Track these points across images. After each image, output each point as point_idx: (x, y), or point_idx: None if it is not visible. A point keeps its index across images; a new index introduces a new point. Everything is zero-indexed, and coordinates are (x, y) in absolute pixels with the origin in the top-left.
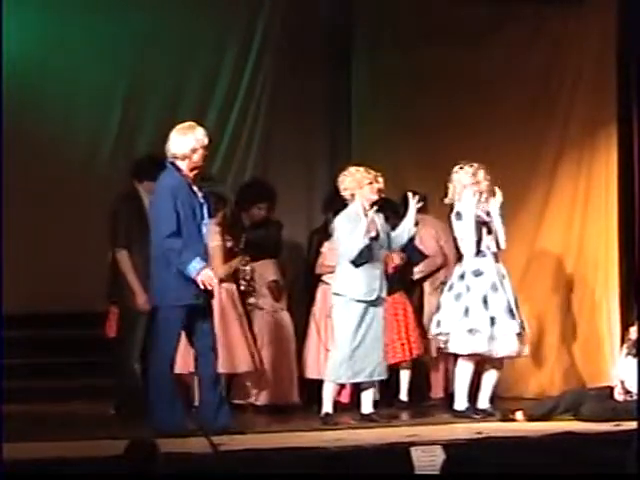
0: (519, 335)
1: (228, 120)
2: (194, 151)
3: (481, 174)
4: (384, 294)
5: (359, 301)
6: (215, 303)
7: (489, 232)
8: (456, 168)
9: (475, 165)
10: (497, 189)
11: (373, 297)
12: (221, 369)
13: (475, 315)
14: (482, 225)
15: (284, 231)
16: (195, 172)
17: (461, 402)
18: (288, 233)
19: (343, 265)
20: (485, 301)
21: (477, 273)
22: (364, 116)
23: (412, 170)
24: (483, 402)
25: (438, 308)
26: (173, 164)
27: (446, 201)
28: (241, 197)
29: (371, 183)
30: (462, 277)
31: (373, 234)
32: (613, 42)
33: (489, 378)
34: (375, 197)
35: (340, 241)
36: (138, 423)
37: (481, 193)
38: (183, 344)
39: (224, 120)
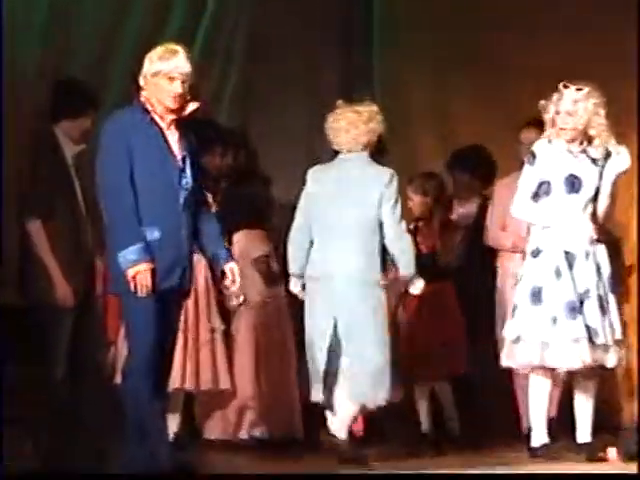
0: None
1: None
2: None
3: (588, 104)
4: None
5: None
6: None
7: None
8: (560, 85)
9: (586, 89)
10: (623, 148)
11: None
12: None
13: (519, 316)
14: (570, 180)
15: (277, 191)
16: (173, 118)
17: (537, 435)
18: (282, 193)
19: None
20: (536, 294)
21: (535, 253)
22: (387, 40)
23: (461, 109)
24: (581, 435)
25: None
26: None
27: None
28: None
29: None
30: (523, 258)
31: None
32: None
33: (578, 400)
34: None
35: None
36: (68, 458)
37: (584, 133)
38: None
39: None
